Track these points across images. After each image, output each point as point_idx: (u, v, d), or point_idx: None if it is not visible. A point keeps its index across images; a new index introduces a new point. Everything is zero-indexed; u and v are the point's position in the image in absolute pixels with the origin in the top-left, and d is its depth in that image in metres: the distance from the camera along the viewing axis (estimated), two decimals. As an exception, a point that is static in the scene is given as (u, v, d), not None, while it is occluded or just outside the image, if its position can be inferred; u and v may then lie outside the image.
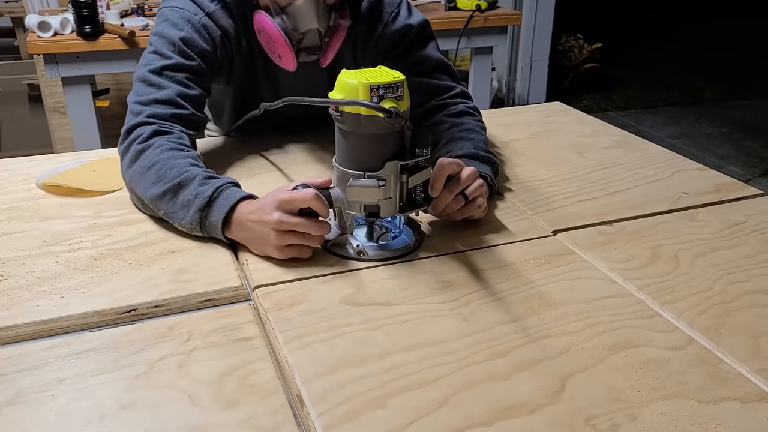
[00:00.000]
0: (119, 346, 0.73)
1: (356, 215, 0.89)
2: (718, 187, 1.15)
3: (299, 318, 0.77)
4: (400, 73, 0.84)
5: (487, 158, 1.06)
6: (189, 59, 1.08)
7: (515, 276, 0.86)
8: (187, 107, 1.06)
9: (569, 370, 0.70)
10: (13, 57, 3.64)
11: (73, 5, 2.31)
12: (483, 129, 1.16)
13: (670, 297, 0.83)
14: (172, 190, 0.93)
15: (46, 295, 0.81)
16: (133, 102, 1.05)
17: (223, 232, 0.90)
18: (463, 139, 1.09)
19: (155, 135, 1.00)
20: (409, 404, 0.64)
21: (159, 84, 1.05)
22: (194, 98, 1.08)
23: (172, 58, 1.07)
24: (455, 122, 1.15)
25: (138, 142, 0.99)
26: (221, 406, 0.65)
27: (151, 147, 0.98)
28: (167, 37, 1.08)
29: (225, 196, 0.90)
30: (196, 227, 0.91)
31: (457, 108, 1.18)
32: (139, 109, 1.04)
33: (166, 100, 1.04)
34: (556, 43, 4.40)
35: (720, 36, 6.13)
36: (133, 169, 0.98)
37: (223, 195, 0.91)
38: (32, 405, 0.65)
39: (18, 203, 1.05)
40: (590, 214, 1.03)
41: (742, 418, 0.64)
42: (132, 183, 0.99)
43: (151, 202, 0.96)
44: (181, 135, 1.03)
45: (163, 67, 1.06)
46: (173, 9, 1.11)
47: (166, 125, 1.02)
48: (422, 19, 1.20)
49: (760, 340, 0.75)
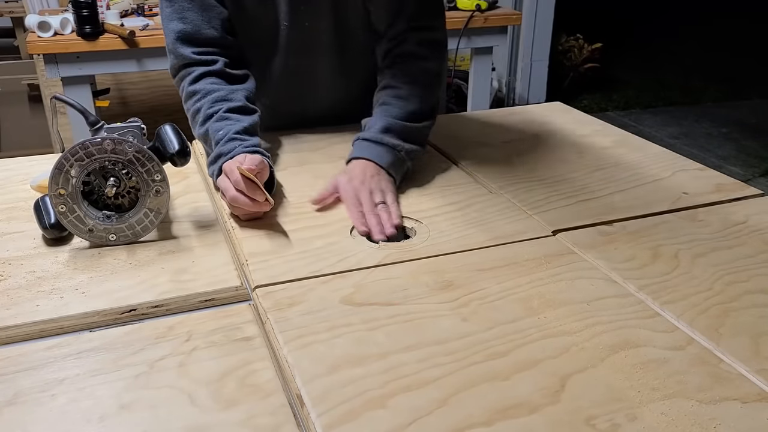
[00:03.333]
0: (119, 346, 0.73)
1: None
2: (718, 187, 1.15)
3: (299, 318, 0.77)
4: None
5: (390, 146, 1.09)
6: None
7: (515, 276, 0.86)
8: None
9: (569, 370, 0.70)
10: (13, 57, 3.65)
11: (73, 5, 2.31)
12: (426, 84, 1.17)
13: (670, 297, 0.83)
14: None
15: (46, 295, 0.81)
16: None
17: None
18: (381, 111, 1.14)
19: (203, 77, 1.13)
20: (409, 404, 0.64)
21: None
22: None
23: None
24: (392, 82, 1.17)
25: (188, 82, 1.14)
26: (221, 406, 0.65)
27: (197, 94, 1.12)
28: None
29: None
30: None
31: (406, 48, 1.18)
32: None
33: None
34: (556, 43, 4.40)
35: (720, 36, 6.13)
36: (186, 108, 1.15)
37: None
38: (32, 405, 0.65)
39: (18, 203, 1.05)
40: (590, 214, 1.03)
41: (742, 418, 0.64)
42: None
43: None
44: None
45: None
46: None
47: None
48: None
49: (760, 340, 0.75)
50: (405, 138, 1.12)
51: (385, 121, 1.12)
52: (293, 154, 1.24)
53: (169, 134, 0.92)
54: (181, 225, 0.99)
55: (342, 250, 0.92)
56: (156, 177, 0.90)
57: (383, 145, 1.10)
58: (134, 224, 0.92)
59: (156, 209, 0.92)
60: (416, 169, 1.15)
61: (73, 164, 0.86)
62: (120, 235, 0.92)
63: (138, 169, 0.89)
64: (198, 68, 1.13)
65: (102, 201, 0.92)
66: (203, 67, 1.14)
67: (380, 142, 1.10)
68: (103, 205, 0.92)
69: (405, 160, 1.11)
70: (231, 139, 1.04)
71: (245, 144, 1.04)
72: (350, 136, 1.28)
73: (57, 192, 0.87)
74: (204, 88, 1.11)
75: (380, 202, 1.02)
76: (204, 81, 1.13)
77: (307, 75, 1.27)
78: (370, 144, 1.10)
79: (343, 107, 1.35)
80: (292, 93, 1.30)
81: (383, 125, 1.11)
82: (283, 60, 1.25)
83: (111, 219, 0.91)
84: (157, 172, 0.90)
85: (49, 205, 0.92)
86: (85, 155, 0.87)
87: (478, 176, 1.16)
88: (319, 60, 1.26)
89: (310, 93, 1.30)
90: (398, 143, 1.10)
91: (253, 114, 1.12)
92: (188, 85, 1.13)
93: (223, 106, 1.09)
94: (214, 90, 1.11)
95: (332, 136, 1.31)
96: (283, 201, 1.05)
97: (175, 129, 0.93)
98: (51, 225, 0.91)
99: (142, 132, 0.93)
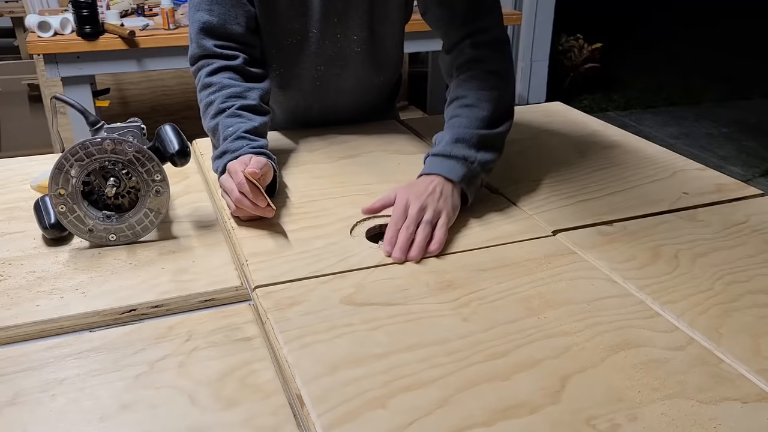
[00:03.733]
0: (119, 346, 0.73)
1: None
2: (718, 187, 1.14)
3: (299, 318, 0.77)
4: None
5: (462, 158, 1.00)
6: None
7: (515, 276, 0.86)
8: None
9: (569, 370, 0.70)
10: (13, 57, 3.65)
11: (73, 5, 2.31)
12: (492, 87, 1.08)
13: (670, 297, 0.83)
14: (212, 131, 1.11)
15: (46, 295, 0.81)
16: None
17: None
18: (451, 124, 1.06)
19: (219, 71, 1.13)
20: (409, 404, 0.64)
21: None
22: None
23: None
24: (458, 93, 1.10)
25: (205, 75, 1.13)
26: (221, 406, 0.65)
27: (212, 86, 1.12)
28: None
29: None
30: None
31: (464, 56, 1.12)
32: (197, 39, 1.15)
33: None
34: (556, 43, 4.40)
35: (720, 36, 6.13)
36: (200, 99, 1.14)
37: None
38: (32, 405, 0.65)
39: (18, 203, 1.05)
40: (590, 214, 1.03)
41: (742, 418, 0.64)
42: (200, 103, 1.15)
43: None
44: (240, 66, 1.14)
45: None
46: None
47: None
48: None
49: (760, 340, 0.75)
50: (478, 146, 1.02)
51: (454, 132, 1.04)
52: (293, 154, 1.24)
53: (169, 134, 0.92)
54: (181, 225, 0.99)
55: (342, 250, 0.92)
56: (156, 177, 0.90)
57: (453, 158, 1.00)
58: (134, 224, 0.92)
59: (156, 209, 0.92)
60: (417, 170, 1.15)
61: (73, 164, 0.86)
62: (120, 235, 0.92)
63: (138, 169, 0.89)
64: (218, 61, 1.13)
65: (102, 201, 0.92)
66: (223, 60, 1.13)
67: (450, 155, 1.00)
68: (103, 205, 0.92)
69: (479, 174, 1.02)
70: (239, 137, 1.04)
71: (253, 144, 1.04)
72: (350, 136, 1.28)
73: (57, 192, 0.87)
74: (220, 82, 1.11)
75: (426, 221, 0.92)
76: (221, 74, 1.12)
77: (334, 84, 1.27)
78: (440, 158, 1.01)
79: (366, 113, 1.36)
80: (315, 99, 1.30)
81: (452, 137, 1.03)
82: (309, 67, 1.24)
83: (111, 219, 0.91)
84: (157, 172, 0.90)
85: (49, 205, 0.92)
86: (85, 155, 0.87)
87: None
88: (348, 71, 1.26)
89: (334, 101, 1.31)
90: (470, 154, 1.01)
91: (265, 115, 1.12)
92: (205, 76, 1.13)
93: (236, 103, 1.09)
94: (231, 85, 1.11)
95: (332, 136, 1.31)
96: (283, 201, 1.05)
97: (175, 129, 0.93)
98: (51, 225, 0.91)
99: (142, 132, 0.93)
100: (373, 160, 1.21)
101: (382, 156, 1.23)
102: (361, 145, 1.27)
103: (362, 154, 1.24)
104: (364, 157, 1.22)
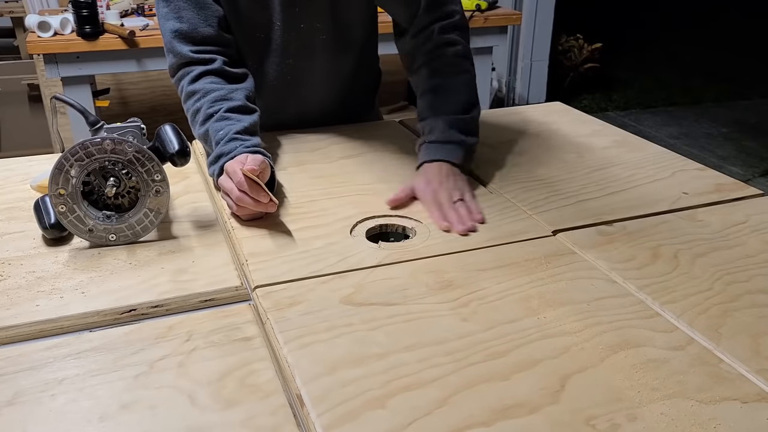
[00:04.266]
0: (119, 346, 0.73)
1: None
2: (718, 187, 1.15)
3: (299, 318, 0.77)
4: None
5: (458, 142, 1.11)
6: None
7: (515, 276, 0.86)
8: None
9: (569, 370, 0.70)
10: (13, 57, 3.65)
11: (73, 5, 2.31)
12: (464, 71, 1.17)
13: (670, 297, 0.83)
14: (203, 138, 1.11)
15: (46, 295, 0.81)
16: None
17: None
18: (437, 111, 1.14)
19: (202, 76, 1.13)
20: (409, 404, 0.64)
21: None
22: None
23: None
24: (437, 80, 1.16)
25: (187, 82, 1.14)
26: (221, 406, 0.65)
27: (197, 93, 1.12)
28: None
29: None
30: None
31: (435, 40, 1.17)
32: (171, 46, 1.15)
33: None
34: (556, 43, 4.40)
35: (720, 36, 6.13)
36: (186, 108, 1.15)
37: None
38: (32, 405, 0.65)
39: (18, 203, 1.05)
40: (590, 214, 1.03)
41: (742, 418, 0.64)
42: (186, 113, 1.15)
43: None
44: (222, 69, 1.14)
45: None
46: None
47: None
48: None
49: (760, 340, 0.75)
50: (465, 131, 1.13)
51: (445, 119, 1.13)
52: (293, 154, 1.24)
53: (169, 134, 0.93)
54: (181, 225, 0.99)
55: (342, 250, 0.92)
56: (156, 177, 0.90)
57: (452, 142, 1.11)
58: (134, 224, 0.92)
59: (156, 209, 0.92)
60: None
61: (73, 164, 0.86)
62: (120, 235, 0.92)
63: (138, 169, 0.89)
64: (197, 67, 1.13)
65: (102, 201, 0.92)
66: (202, 66, 1.13)
67: (449, 140, 1.11)
68: (103, 205, 0.92)
69: (470, 155, 1.14)
70: (232, 139, 1.04)
71: (246, 144, 1.04)
72: (350, 136, 1.28)
73: (57, 192, 0.87)
74: (203, 88, 1.11)
75: (459, 200, 1.02)
76: (203, 80, 1.12)
77: (305, 76, 1.27)
78: (439, 145, 1.11)
79: (344, 108, 1.35)
80: (289, 94, 1.28)
81: (446, 123, 1.12)
82: (278, 61, 1.24)
83: (111, 219, 0.92)
84: (157, 172, 0.90)
85: (49, 205, 0.92)
86: (85, 155, 0.87)
87: (478, 176, 1.16)
88: (316, 61, 1.25)
89: (308, 94, 1.30)
90: (462, 138, 1.12)
91: (253, 113, 1.12)
92: (187, 84, 1.13)
93: (223, 106, 1.09)
94: (214, 89, 1.11)
95: (332, 136, 1.31)
96: (283, 201, 1.05)
97: (175, 129, 0.93)
98: (51, 225, 0.91)
99: (142, 132, 0.93)
100: (373, 160, 1.21)
101: (382, 156, 1.23)
102: (361, 145, 1.27)
103: (362, 154, 1.24)
104: (364, 157, 1.22)
